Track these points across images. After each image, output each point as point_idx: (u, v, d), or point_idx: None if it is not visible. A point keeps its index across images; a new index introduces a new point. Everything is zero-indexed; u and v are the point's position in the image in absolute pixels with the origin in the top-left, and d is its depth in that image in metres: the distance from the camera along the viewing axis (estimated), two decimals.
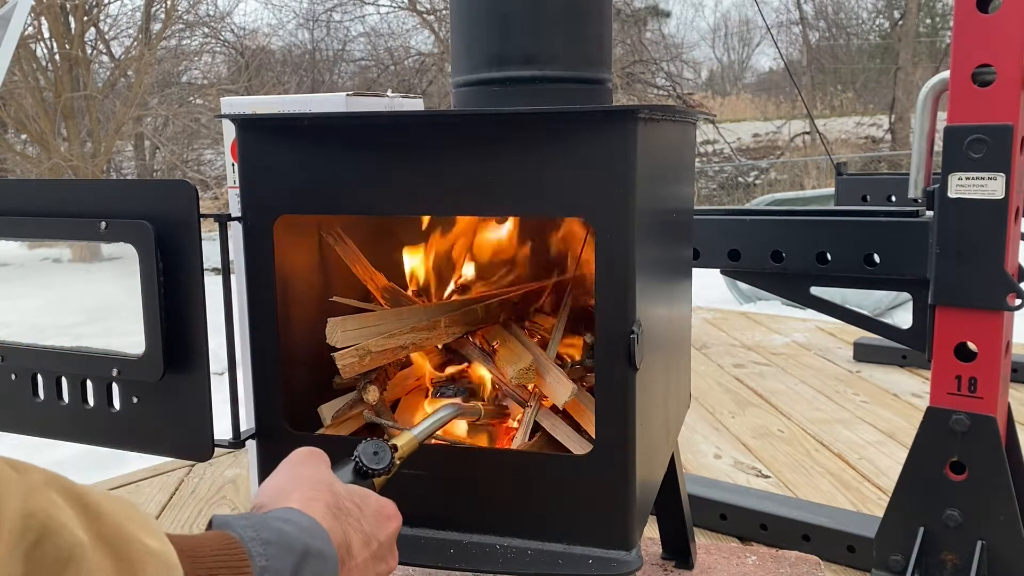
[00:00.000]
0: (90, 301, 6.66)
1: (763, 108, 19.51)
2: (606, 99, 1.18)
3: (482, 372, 1.23)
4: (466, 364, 1.27)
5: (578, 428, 1.13)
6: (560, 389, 1.12)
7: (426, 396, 1.26)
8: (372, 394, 1.16)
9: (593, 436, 1.01)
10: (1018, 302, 1.31)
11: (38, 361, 1.16)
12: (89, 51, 10.28)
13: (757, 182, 14.14)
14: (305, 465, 0.78)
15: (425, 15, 13.48)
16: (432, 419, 1.01)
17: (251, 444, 1.13)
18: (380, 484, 0.87)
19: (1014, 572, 1.36)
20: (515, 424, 1.19)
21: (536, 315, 1.38)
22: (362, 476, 0.86)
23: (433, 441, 1.14)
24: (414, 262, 1.35)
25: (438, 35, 13.17)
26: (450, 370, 1.28)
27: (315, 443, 1.11)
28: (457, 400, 1.11)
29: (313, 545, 0.64)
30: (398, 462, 0.90)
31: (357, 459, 0.86)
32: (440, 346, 1.28)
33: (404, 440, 0.94)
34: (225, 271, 1.12)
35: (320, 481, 0.75)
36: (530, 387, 1.17)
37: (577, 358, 1.28)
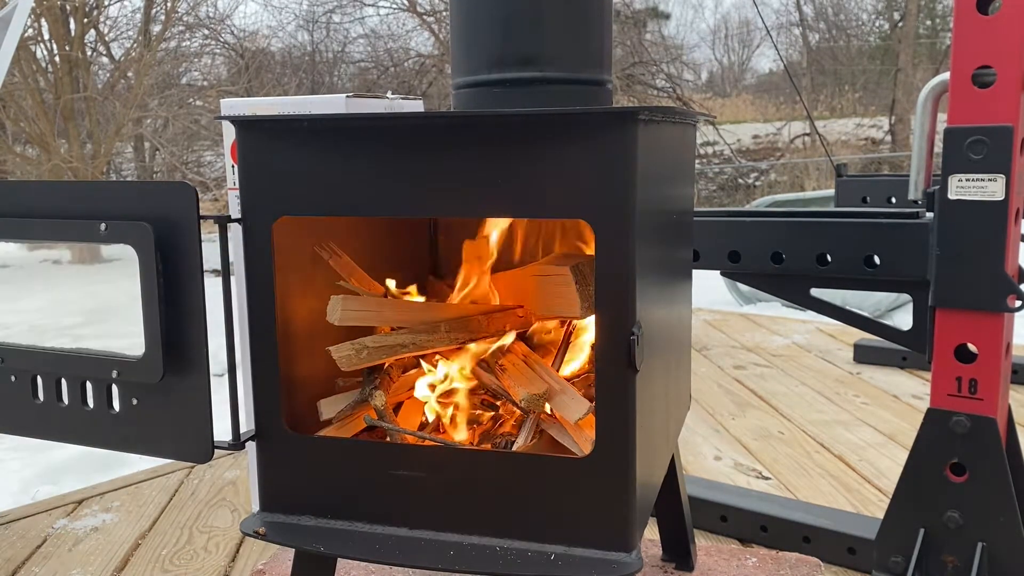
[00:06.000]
0: (90, 303, 6.65)
1: (763, 110, 19.51)
2: (606, 100, 1.18)
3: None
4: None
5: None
6: (574, 407, 1.11)
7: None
8: (379, 399, 1.16)
9: (593, 438, 1.01)
10: (1018, 304, 1.31)
11: (38, 363, 1.16)
12: (89, 53, 10.28)
13: (757, 183, 14.14)
14: None
15: (425, 16, 13.48)
16: None
17: (251, 446, 1.13)
18: None
19: (1014, 574, 1.36)
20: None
21: (541, 326, 1.37)
22: None
23: (432, 443, 1.15)
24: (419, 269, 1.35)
25: (438, 37, 13.17)
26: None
27: (315, 445, 1.11)
28: None
29: None
30: None
31: None
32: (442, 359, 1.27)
33: None
34: (225, 273, 1.12)
35: None
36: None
37: (585, 367, 1.28)
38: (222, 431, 1.10)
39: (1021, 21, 1.25)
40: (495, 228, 1.34)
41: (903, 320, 2.86)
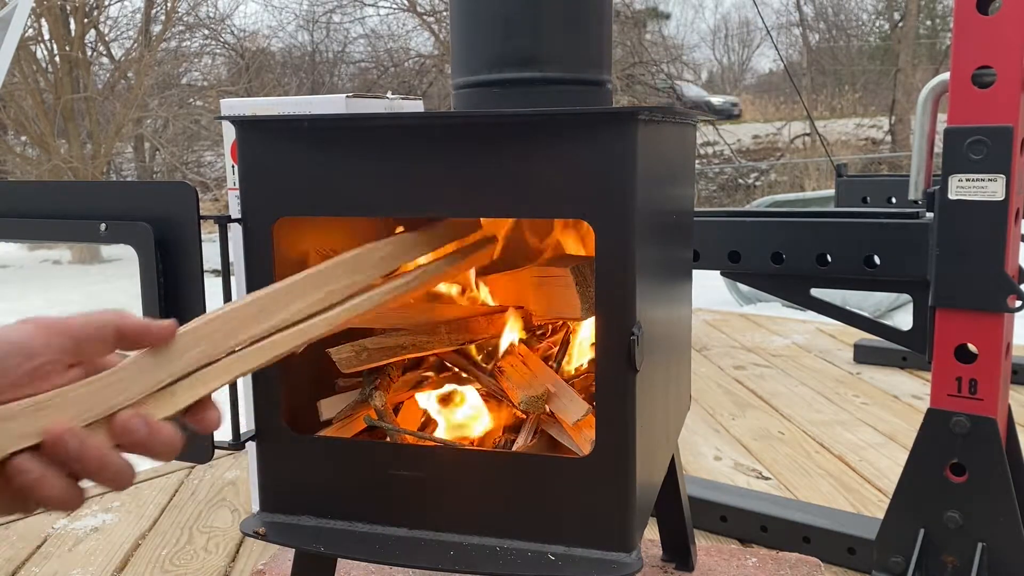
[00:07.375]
0: (90, 303, 6.65)
1: (763, 110, 19.51)
2: (606, 100, 1.18)
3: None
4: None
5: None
6: (572, 409, 1.11)
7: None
8: (379, 399, 1.16)
9: (593, 438, 1.01)
10: (1018, 304, 1.31)
11: None
12: (89, 53, 10.29)
13: (757, 184, 14.14)
14: None
15: (425, 16, 13.49)
16: None
17: (251, 446, 1.13)
18: None
19: (1014, 574, 1.36)
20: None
21: (542, 328, 1.36)
22: None
23: (432, 443, 1.15)
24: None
25: (438, 37, 13.18)
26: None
27: (316, 446, 1.11)
28: None
29: None
30: None
31: None
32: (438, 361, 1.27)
33: None
34: (225, 273, 1.12)
35: None
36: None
37: (583, 367, 1.28)
38: (222, 431, 1.10)
39: (1021, 21, 1.25)
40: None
41: (903, 320, 2.86)
